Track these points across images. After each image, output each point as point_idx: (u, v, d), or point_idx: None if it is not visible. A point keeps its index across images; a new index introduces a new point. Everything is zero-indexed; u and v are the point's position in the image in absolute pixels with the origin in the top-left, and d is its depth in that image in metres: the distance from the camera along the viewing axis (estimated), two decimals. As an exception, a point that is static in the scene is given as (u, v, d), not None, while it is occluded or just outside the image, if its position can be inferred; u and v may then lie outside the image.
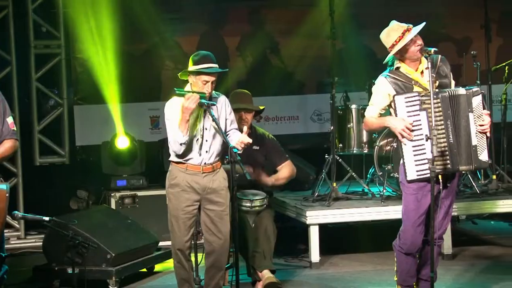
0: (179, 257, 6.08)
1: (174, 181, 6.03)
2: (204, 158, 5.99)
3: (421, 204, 5.74)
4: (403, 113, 5.66)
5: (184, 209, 6.00)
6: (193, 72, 5.93)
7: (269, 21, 9.61)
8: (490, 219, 9.22)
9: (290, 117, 9.78)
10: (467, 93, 5.70)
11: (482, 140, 5.75)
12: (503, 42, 9.91)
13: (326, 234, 7.94)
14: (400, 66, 5.80)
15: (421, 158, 5.64)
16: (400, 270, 5.97)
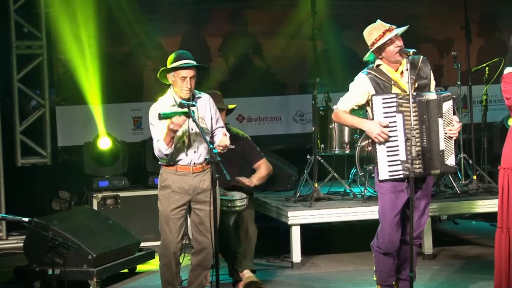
0: (169, 260, 6.07)
1: (164, 183, 6.06)
2: (193, 159, 6.01)
3: (396, 203, 5.78)
4: (380, 114, 5.69)
5: (174, 210, 6.03)
6: (171, 70, 5.96)
7: (251, 21, 9.63)
8: (471, 219, 9.28)
9: (273, 118, 9.81)
10: (438, 98, 5.73)
11: (449, 145, 5.77)
12: (484, 42, 9.96)
13: (308, 234, 7.97)
14: (381, 64, 5.84)
15: (394, 159, 5.68)
16: (379, 270, 6.01)
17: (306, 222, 7.65)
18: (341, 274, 7.41)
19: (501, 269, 5.64)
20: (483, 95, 8.53)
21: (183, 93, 5.96)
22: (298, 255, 7.60)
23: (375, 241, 5.96)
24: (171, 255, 6.05)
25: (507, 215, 5.62)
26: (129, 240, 7.48)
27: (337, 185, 8.31)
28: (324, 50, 9.52)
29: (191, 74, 5.97)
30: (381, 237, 5.89)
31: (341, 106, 5.93)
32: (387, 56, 5.80)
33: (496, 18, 10.00)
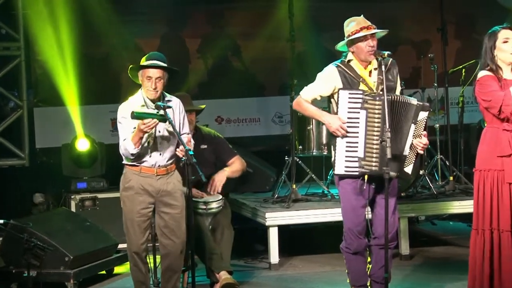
0: (135, 260, 6.10)
1: (128, 184, 6.05)
2: (158, 161, 6.01)
3: (356, 203, 5.81)
4: (344, 108, 5.71)
5: (139, 212, 6.03)
6: (139, 69, 5.99)
7: (230, 23, 9.63)
8: (449, 220, 9.34)
9: (252, 119, 9.82)
10: (417, 104, 5.75)
11: (412, 153, 5.79)
12: (461, 44, 10.02)
13: (286, 235, 8.00)
14: (352, 60, 5.87)
15: (352, 155, 5.70)
16: (351, 271, 6.02)
17: (284, 223, 7.67)
18: (318, 275, 7.45)
19: (475, 271, 5.67)
20: (460, 96, 8.60)
21: (148, 93, 5.97)
22: (275, 256, 7.62)
23: (343, 243, 5.99)
24: (136, 256, 6.07)
25: (482, 216, 5.65)
26: (106, 242, 7.47)
27: (315, 186, 8.34)
28: (302, 51, 9.55)
29: (157, 75, 5.96)
30: (347, 238, 5.92)
31: (304, 95, 5.94)
32: (357, 51, 5.83)
33: (473, 20, 10.06)
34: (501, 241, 5.59)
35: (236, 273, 7.12)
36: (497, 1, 9.98)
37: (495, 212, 5.61)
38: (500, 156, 5.59)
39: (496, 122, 5.63)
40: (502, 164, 5.59)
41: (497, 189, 5.61)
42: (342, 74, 5.81)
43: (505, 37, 5.62)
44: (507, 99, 5.49)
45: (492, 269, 5.59)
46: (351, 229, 5.88)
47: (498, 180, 5.60)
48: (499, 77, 5.61)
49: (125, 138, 5.91)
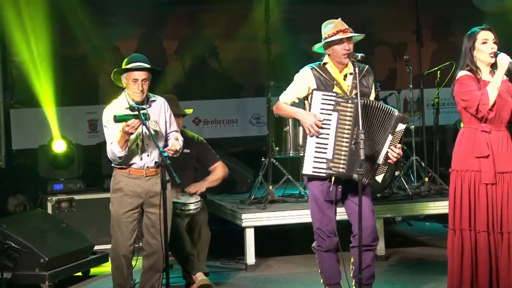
0: (120, 263, 6.09)
1: (117, 185, 6.07)
2: (146, 162, 6.03)
3: (323, 203, 5.87)
4: (317, 109, 5.75)
5: (127, 213, 6.04)
6: (123, 72, 5.99)
7: (208, 25, 9.66)
8: (425, 221, 9.39)
9: (229, 120, 9.85)
10: (397, 115, 5.77)
11: (385, 163, 5.81)
12: (437, 46, 10.10)
13: (264, 236, 8.02)
14: (328, 63, 5.91)
15: (321, 156, 5.74)
16: (324, 270, 6.07)
17: (260, 224, 7.69)
18: (294, 275, 7.48)
19: (454, 270, 5.73)
20: (435, 98, 8.64)
21: (135, 96, 5.98)
22: (252, 257, 7.65)
23: (315, 242, 6.03)
24: (122, 259, 6.06)
25: (460, 216, 5.71)
26: (82, 243, 7.47)
27: (292, 188, 8.37)
28: (279, 53, 9.58)
29: (143, 77, 5.98)
30: (318, 237, 5.97)
31: (282, 98, 6.00)
32: (333, 54, 5.88)
33: (449, 22, 10.14)
34: (477, 241, 5.65)
35: (212, 274, 7.14)
36: (473, 3, 10.05)
37: (472, 212, 5.67)
38: (478, 157, 5.65)
39: (474, 122, 5.69)
40: (480, 164, 5.65)
41: (474, 189, 5.67)
42: (317, 76, 5.86)
43: (484, 38, 5.68)
44: (484, 98, 5.54)
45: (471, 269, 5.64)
46: (320, 229, 5.94)
47: (475, 181, 5.66)
48: (478, 78, 5.67)
49: (112, 141, 5.93)
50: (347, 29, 5.86)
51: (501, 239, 5.63)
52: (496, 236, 5.63)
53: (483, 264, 5.62)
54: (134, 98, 5.99)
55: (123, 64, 6.05)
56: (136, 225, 6.10)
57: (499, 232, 5.63)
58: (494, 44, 5.67)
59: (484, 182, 5.62)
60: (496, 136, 5.66)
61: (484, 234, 5.62)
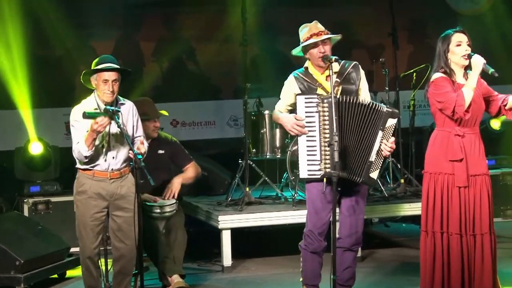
0: (87, 264, 6.11)
1: (81, 188, 6.06)
2: (111, 164, 6.02)
3: (319, 206, 5.90)
4: (302, 113, 5.81)
5: (92, 216, 6.03)
6: (93, 73, 5.99)
7: (185, 26, 9.64)
8: (402, 222, 9.44)
9: (207, 122, 9.86)
10: (386, 111, 5.80)
11: (379, 159, 5.84)
12: (414, 49, 10.15)
13: (241, 238, 8.04)
14: (308, 67, 5.96)
15: (313, 158, 5.78)
16: (305, 270, 6.10)
17: (237, 226, 7.71)
18: (270, 277, 7.50)
19: (426, 272, 5.77)
20: (411, 100, 8.71)
21: (105, 97, 5.98)
22: (228, 259, 7.66)
23: (303, 241, 6.05)
24: (88, 260, 6.08)
25: (432, 218, 5.75)
26: (58, 246, 7.45)
27: (269, 189, 8.39)
28: (257, 55, 9.61)
29: (113, 78, 5.99)
30: (307, 238, 6.00)
31: (276, 107, 6.14)
32: (311, 57, 5.95)
33: (425, 24, 10.20)
34: (450, 244, 5.70)
35: (188, 276, 7.15)
36: (449, 5, 10.12)
37: (445, 214, 5.71)
38: (451, 161, 5.69)
39: (447, 125, 5.73)
40: (453, 168, 5.69)
41: (447, 192, 5.71)
42: (300, 82, 5.93)
43: (458, 40, 5.72)
44: (460, 99, 5.59)
45: (443, 271, 5.69)
46: (312, 231, 5.96)
47: (448, 184, 5.70)
48: (453, 80, 5.72)
49: (78, 141, 5.91)
50: (321, 32, 5.90)
51: (473, 241, 5.67)
52: (469, 238, 5.68)
53: (455, 266, 5.67)
54: (105, 99, 5.99)
55: (92, 65, 6.06)
56: (102, 228, 6.09)
57: (472, 234, 5.68)
58: (468, 46, 5.72)
59: (457, 185, 5.67)
60: (469, 139, 5.71)
61: (457, 236, 5.67)
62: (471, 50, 5.73)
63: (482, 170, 5.71)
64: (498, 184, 9.17)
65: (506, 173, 9.27)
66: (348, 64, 5.98)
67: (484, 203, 5.68)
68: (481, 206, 5.68)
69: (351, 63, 6.00)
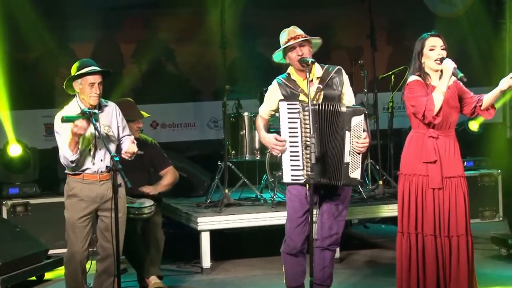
0: (75, 268, 6.10)
1: (71, 191, 6.08)
2: (100, 167, 6.05)
3: (299, 207, 5.91)
4: (285, 119, 5.83)
5: (81, 219, 6.05)
6: (78, 77, 5.98)
7: (164, 28, 9.61)
8: (381, 223, 9.48)
9: (187, 124, 9.85)
10: (347, 111, 5.82)
11: (356, 158, 5.84)
12: (393, 50, 10.19)
13: (221, 239, 8.05)
14: (291, 73, 5.99)
15: (296, 164, 5.79)
16: (286, 271, 6.14)
17: (216, 227, 7.72)
18: (249, 278, 7.52)
19: (402, 273, 5.81)
20: (389, 102, 8.74)
21: (91, 100, 5.99)
22: (207, 260, 7.67)
23: (283, 244, 6.08)
24: (78, 264, 6.08)
25: (407, 219, 5.80)
26: (37, 248, 7.44)
27: (248, 191, 8.41)
28: (237, 57, 9.62)
29: (99, 80, 6.01)
30: (287, 239, 6.03)
31: (260, 112, 6.14)
32: (291, 62, 5.98)
33: (404, 26, 10.24)
34: (425, 245, 5.74)
35: (167, 278, 7.16)
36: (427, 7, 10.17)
37: (419, 216, 5.76)
38: (425, 162, 5.74)
39: (422, 127, 5.78)
40: (427, 169, 5.73)
41: (422, 194, 5.75)
42: (283, 88, 5.95)
43: (432, 44, 5.76)
44: (430, 104, 5.63)
45: (418, 272, 5.73)
46: (290, 231, 5.99)
47: (422, 185, 5.75)
48: (427, 84, 5.76)
49: (64, 147, 5.92)
50: (298, 35, 5.92)
51: (448, 243, 5.72)
52: (443, 240, 5.72)
53: (430, 267, 5.71)
54: (91, 102, 6.00)
55: (72, 70, 6.06)
56: (90, 230, 6.11)
57: (446, 236, 5.72)
58: (442, 50, 5.75)
59: (431, 187, 5.71)
60: (443, 142, 5.75)
61: (431, 237, 5.71)
62: (446, 54, 5.76)
63: (457, 172, 5.75)
64: (477, 185, 9.23)
65: (484, 174, 9.33)
66: (331, 69, 6.00)
67: (459, 206, 5.72)
68: (457, 208, 5.72)
69: (335, 67, 6.01)
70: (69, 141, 5.85)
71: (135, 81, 9.62)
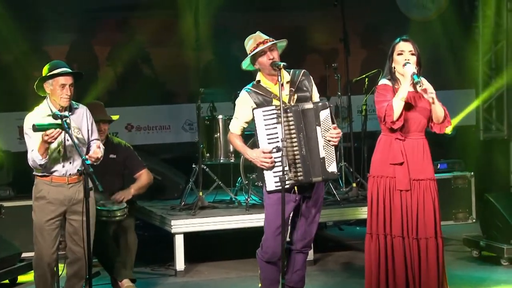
0: (44, 271, 6.08)
1: (39, 194, 6.06)
2: (69, 170, 6.03)
3: (277, 212, 5.86)
4: (262, 126, 5.82)
5: (49, 221, 6.04)
6: (49, 79, 5.98)
7: (139, 31, 9.60)
8: (356, 225, 9.53)
9: (162, 127, 9.85)
10: (314, 107, 5.86)
11: (330, 152, 5.88)
12: (367, 54, 10.24)
13: (195, 242, 8.05)
14: (260, 80, 5.99)
15: (279, 170, 5.74)
16: (263, 277, 6.14)
17: (189, 230, 7.73)
18: (223, 281, 7.53)
19: (371, 275, 5.85)
20: (363, 105, 8.80)
21: (62, 101, 5.98)
22: (181, 263, 7.68)
23: (260, 249, 6.08)
24: (46, 267, 6.05)
25: (376, 221, 5.85)
26: (9, 251, 7.41)
27: (223, 194, 8.42)
28: (211, 59, 9.64)
29: (70, 82, 6.01)
30: (265, 246, 6.02)
31: (231, 129, 6.07)
32: (261, 67, 5.97)
33: (378, 30, 10.30)
34: (393, 246, 5.79)
35: (140, 281, 7.16)
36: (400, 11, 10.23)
37: (387, 217, 5.80)
38: (392, 164, 5.79)
39: (389, 130, 5.82)
40: (394, 171, 5.78)
41: (389, 195, 5.80)
42: (254, 96, 5.94)
43: (400, 49, 5.81)
44: (389, 109, 5.68)
45: (387, 273, 5.77)
46: (270, 238, 5.97)
47: (390, 187, 5.80)
48: (396, 88, 5.80)
49: (33, 149, 5.92)
50: (266, 40, 5.95)
51: (417, 245, 5.76)
52: (411, 241, 5.77)
53: (399, 268, 5.76)
54: (62, 103, 5.99)
55: (43, 71, 6.05)
56: (58, 233, 6.09)
57: (415, 238, 5.76)
58: (411, 55, 5.79)
59: (398, 188, 5.76)
60: (411, 144, 5.80)
61: (400, 239, 5.76)
62: (416, 59, 5.80)
63: (426, 175, 5.80)
64: (450, 187, 9.30)
65: (458, 176, 9.40)
66: (298, 72, 6.02)
67: (428, 208, 5.76)
68: (425, 211, 5.76)
69: (301, 71, 6.04)
70: (38, 145, 5.84)
71: (110, 84, 9.60)
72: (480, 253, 7.92)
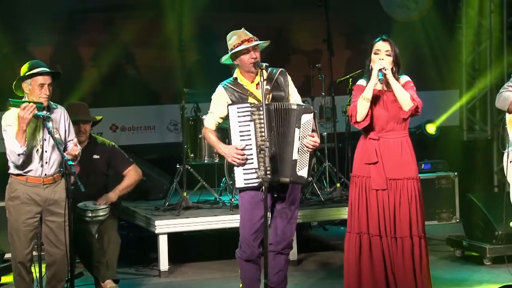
0: (19, 270, 6.08)
1: (14, 193, 6.03)
2: (45, 169, 6.02)
3: (253, 213, 5.92)
4: (235, 123, 5.85)
5: (25, 222, 6.02)
6: (27, 78, 5.98)
7: (124, 31, 9.59)
8: (341, 225, 9.54)
9: (147, 127, 9.85)
10: (297, 109, 5.88)
11: (304, 157, 5.89)
12: (351, 54, 10.27)
13: (179, 242, 8.06)
14: (237, 77, 6.00)
15: (249, 167, 5.82)
16: (243, 277, 6.15)
17: (173, 230, 7.73)
18: (207, 281, 7.54)
19: (350, 273, 5.90)
20: (347, 105, 8.79)
21: (41, 101, 5.97)
22: (165, 263, 7.68)
23: (238, 249, 6.10)
24: (20, 266, 6.05)
25: (356, 220, 5.89)
26: (-8, 252, 7.40)
27: (207, 194, 8.43)
28: (196, 60, 9.64)
29: (49, 81, 6.01)
30: (242, 246, 6.04)
31: (206, 124, 6.10)
32: (241, 64, 5.99)
33: (362, 30, 10.33)
34: (371, 245, 5.83)
35: (124, 281, 7.16)
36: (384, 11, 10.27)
37: (364, 216, 5.84)
38: (367, 164, 5.82)
39: (366, 129, 5.90)
40: (369, 171, 5.82)
41: (366, 194, 5.85)
42: (231, 93, 5.96)
43: (377, 48, 5.90)
44: (354, 110, 5.77)
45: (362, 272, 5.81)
46: (246, 238, 5.99)
47: (366, 187, 5.85)
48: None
49: (11, 141, 5.89)
50: (252, 38, 5.96)
51: (395, 244, 5.80)
52: (390, 240, 5.81)
53: (378, 266, 5.81)
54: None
55: (22, 71, 6.05)
56: (34, 234, 6.08)
57: (393, 237, 5.81)
58: (386, 55, 5.83)
59: (373, 187, 5.80)
60: (386, 144, 5.83)
61: (377, 237, 5.81)
62: (392, 59, 5.84)
63: (404, 174, 5.83)
64: (434, 187, 9.34)
65: (441, 177, 9.44)
66: (275, 71, 6.04)
67: (403, 208, 5.80)
68: (400, 210, 5.80)
69: (278, 69, 6.06)
70: (16, 131, 5.82)
71: (94, 84, 9.57)
72: (463, 253, 7.97)
